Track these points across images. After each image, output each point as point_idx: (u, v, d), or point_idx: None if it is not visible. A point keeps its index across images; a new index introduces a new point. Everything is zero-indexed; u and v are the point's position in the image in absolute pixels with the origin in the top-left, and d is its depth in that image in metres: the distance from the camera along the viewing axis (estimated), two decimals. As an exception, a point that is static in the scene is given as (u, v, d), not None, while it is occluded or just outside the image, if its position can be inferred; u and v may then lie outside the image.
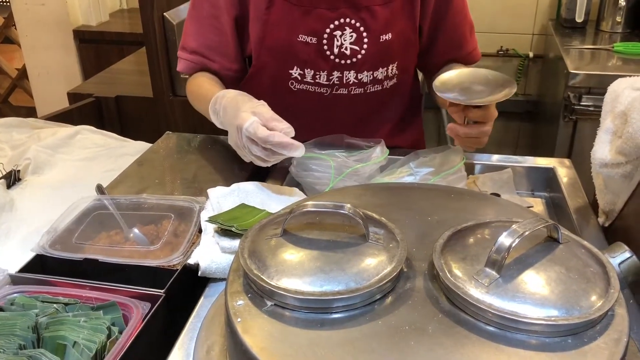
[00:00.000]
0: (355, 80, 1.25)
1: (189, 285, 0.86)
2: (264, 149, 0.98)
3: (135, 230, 0.95)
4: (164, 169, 1.22)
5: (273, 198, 1.00)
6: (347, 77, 1.24)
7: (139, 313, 0.76)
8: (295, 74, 1.24)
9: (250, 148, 0.99)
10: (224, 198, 0.98)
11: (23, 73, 3.50)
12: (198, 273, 0.86)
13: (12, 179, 1.25)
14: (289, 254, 0.67)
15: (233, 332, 0.61)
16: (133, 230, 0.95)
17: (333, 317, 0.61)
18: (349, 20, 1.20)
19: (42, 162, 1.32)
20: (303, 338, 0.59)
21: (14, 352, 0.70)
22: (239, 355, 0.60)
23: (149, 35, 1.97)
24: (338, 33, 1.20)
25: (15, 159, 1.33)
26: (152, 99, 2.12)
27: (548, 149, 2.15)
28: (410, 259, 0.69)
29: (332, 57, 1.22)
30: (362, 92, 1.27)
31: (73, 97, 2.28)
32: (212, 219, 0.91)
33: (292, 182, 1.15)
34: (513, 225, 0.63)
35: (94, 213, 0.99)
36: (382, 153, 1.10)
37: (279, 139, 0.95)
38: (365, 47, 1.22)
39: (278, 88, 1.26)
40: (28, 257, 0.89)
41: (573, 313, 0.58)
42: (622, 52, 2.12)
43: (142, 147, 1.40)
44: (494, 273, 0.61)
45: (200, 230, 0.93)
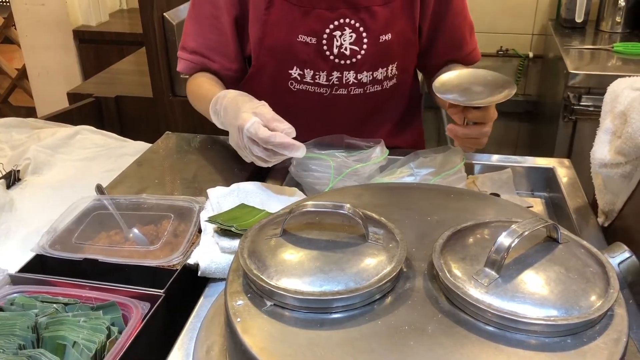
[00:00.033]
0: (355, 81, 1.25)
1: (189, 285, 0.86)
2: (265, 150, 0.98)
3: (135, 230, 0.95)
4: (164, 169, 1.22)
5: (273, 198, 1.00)
6: (346, 77, 1.24)
7: (139, 313, 0.76)
8: (295, 74, 1.24)
9: (252, 148, 0.99)
10: (224, 198, 0.98)
11: (23, 73, 3.49)
12: (198, 273, 0.86)
13: (11, 179, 1.25)
14: (289, 254, 0.67)
15: (233, 332, 0.61)
16: (133, 230, 0.95)
17: (333, 317, 0.61)
18: (349, 21, 1.20)
19: (41, 162, 1.32)
20: (303, 338, 0.59)
21: (14, 352, 0.70)
22: (239, 355, 0.60)
23: (149, 36, 1.97)
24: (338, 33, 1.20)
25: (15, 159, 1.33)
26: (152, 99, 2.12)
27: (548, 149, 2.15)
28: (410, 259, 0.69)
29: (331, 57, 1.22)
30: (361, 92, 1.27)
31: (73, 97, 2.28)
32: (211, 219, 0.91)
33: (292, 182, 1.15)
34: (512, 226, 0.63)
35: (94, 213, 0.99)
36: (381, 153, 1.10)
37: (280, 140, 0.95)
38: (365, 47, 1.22)
39: (278, 88, 1.26)
40: (28, 257, 0.89)
41: (572, 313, 0.58)
42: (621, 52, 2.12)
43: (141, 147, 1.40)
44: (494, 273, 0.61)
45: (200, 230, 0.93)
